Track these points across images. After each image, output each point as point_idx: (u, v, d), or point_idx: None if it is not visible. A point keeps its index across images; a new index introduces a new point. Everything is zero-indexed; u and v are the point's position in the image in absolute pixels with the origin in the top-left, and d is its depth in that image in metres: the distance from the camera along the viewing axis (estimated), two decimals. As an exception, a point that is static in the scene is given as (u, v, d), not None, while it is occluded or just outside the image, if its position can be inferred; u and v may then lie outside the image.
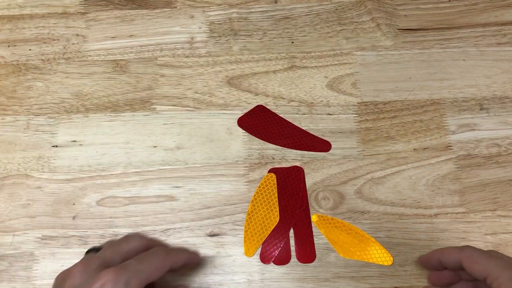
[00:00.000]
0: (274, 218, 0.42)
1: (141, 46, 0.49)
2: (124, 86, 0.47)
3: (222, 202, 0.43)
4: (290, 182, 0.43)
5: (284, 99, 0.46)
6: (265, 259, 0.40)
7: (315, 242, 0.41)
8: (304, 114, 0.46)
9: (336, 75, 0.47)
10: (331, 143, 0.44)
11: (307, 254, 0.40)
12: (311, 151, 0.44)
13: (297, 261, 0.40)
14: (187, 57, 0.48)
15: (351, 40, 0.49)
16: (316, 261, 0.40)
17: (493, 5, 0.50)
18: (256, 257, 0.40)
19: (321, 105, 0.46)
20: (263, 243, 0.41)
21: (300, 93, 0.47)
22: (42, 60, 0.48)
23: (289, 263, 0.40)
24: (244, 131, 0.45)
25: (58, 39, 0.49)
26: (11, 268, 0.40)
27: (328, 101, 0.46)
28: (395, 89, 0.47)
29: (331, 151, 0.44)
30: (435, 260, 0.37)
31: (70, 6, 0.51)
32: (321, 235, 0.41)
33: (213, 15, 0.50)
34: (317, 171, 0.43)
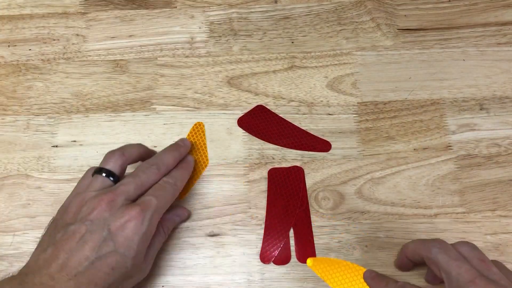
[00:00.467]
0: (204, 163, 0.43)
1: (141, 46, 0.49)
2: (124, 86, 0.47)
3: (222, 202, 0.42)
4: (290, 182, 0.43)
5: (284, 99, 0.46)
6: (265, 259, 0.40)
7: (315, 242, 0.41)
8: (304, 114, 0.46)
9: (336, 75, 0.47)
10: (331, 143, 0.44)
11: (307, 254, 0.40)
12: (311, 151, 0.44)
13: (297, 261, 0.40)
14: (187, 57, 0.48)
15: (351, 40, 0.49)
16: (316, 261, 0.40)
17: (493, 5, 0.50)
18: (256, 257, 0.40)
19: (321, 105, 0.46)
20: (263, 243, 0.41)
21: (300, 93, 0.47)
22: (42, 60, 0.48)
23: (289, 263, 0.40)
24: (244, 131, 0.45)
25: (58, 39, 0.49)
26: (11, 268, 0.40)
27: (328, 101, 0.46)
28: (395, 89, 0.47)
29: (331, 151, 0.44)
30: (404, 260, 0.38)
31: (70, 6, 0.51)
32: (321, 235, 0.41)
33: (213, 15, 0.50)
34: (317, 171, 0.43)
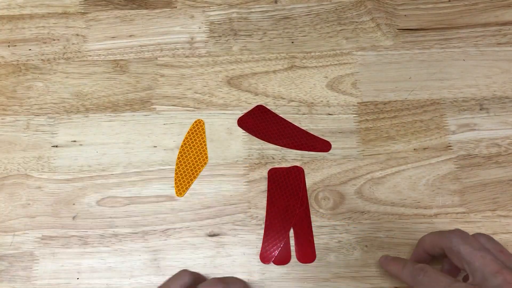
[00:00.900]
0: (203, 160, 0.43)
1: (141, 46, 0.49)
2: (124, 86, 0.47)
3: (222, 202, 0.43)
4: (290, 182, 0.43)
5: (284, 99, 0.46)
6: (265, 259, 0.40)
7: (315, 242, 0.41)
8: (304, 114, 0.46)
9: (336, 75, 0.47)
10: (331, 143, 0.44)
11: (307, 254, 0.40)
12: (311, 151, 0.44)
13: (297, 261, 0.40)
14: (187, 57, 0.48)
15: (351, 40, 0.49)
16: (316, 261, 0.40)
17: (493, 5, 0.50)
18: (256, 257, 0.40)
19: (321, 105, 0.46)
20: (263, 243, 0.41)
21: (300, 93, 0.47)
22: (42, 60, 0.48)
23: (289, 263, 0.40)
24: (244, 131, 0.45)
25: (58, 39, 0.49)
26: (11, 268, 0.40)
27: (328, 101, 0.46)
28: (395, 89, 0.47)
29: (331, 151, 0.44)
30: (422, 254, 0.37)
31: (70, 6, 0.51)
32: (321, 235, 0.41)
33: (213, 15, 0.50)
34: (317, 171, 0.43)
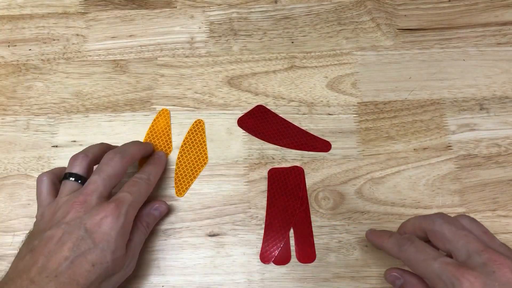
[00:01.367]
0: (203, 160, 0.43)
1: (141, 46, 0.49)
2: (124, 86, 0.47)
3: (222, 202, 0.42)
4: (290, 182, 0.43)
5: (284, 99, 0.46)
6: (265, 259, 0.40)
7: (315, 242, 0.41)
8: (304, 114, 0.46)
9: (336, 75, 0.47)
10: (331, 143, 0.44)
11: (307, 254, 0.40)
12: (311, 151, 0.44)
13: (297, 261, 0.40)
14: (187, 57, 0.48)
15: (351, 40, 0.49)
16: (316, 261, 0.40)
17: (493, 5, 0.50)
18: (256, 257, 0.40)
19: (321, 105, 0.46)
20: (263, 243, 0.41)
21: (300, 93, 0.47)
22: (42, 60, 0.48)
23: (289, 263, 0.40)
24: (244, 131, 0.45)
25: (58, 39, 0.49)
26: (11, 268, 0.40)
27: (328, 101, 0.46)
28: (395, 89, 0.47)
29: (331, 151, 0.44)
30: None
31: (70, 6, 0.51)
32: (321, 235, 0.41)
33: (213, 15, 0.50)
34: (317, 171, 0.43)
